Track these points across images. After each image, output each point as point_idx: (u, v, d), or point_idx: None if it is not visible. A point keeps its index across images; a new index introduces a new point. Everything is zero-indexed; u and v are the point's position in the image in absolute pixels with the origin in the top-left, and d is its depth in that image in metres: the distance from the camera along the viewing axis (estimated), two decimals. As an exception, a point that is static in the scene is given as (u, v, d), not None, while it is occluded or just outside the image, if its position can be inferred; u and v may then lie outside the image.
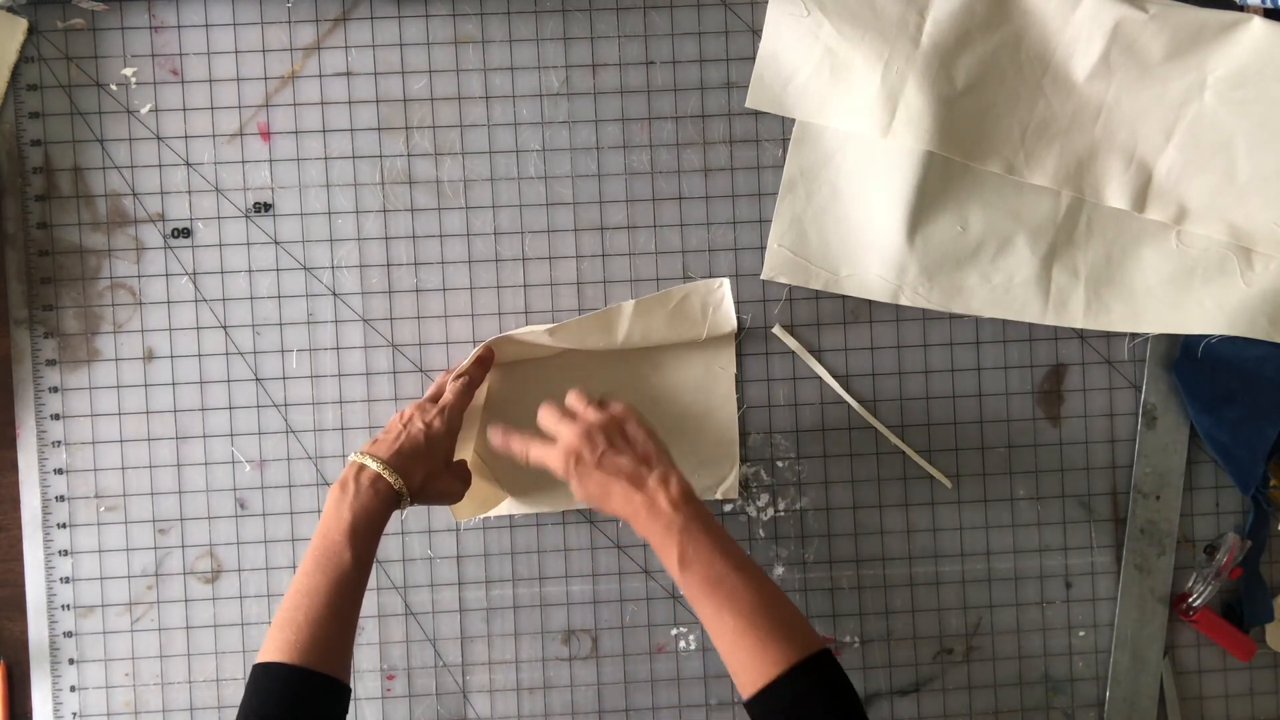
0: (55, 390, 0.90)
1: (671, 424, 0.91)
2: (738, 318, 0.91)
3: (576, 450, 0.75)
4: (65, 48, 0.89)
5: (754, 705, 0.67)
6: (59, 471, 0.90)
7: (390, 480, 0.75)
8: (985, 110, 0.88)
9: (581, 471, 0.74)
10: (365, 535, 0.73)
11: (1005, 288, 0.90)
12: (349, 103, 0.90)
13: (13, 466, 0.90)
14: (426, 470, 0.79)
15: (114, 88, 0.89)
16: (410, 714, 0.92)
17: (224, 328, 0.90)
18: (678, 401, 0.92)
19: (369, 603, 0.91)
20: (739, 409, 0.92)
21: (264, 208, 0.90)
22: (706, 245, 0.92)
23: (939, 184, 0.88)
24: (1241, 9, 0.87)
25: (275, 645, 0.69)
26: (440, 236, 0.91)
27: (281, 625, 0.70)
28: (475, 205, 0.91)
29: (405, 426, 0.79)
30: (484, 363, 0.86)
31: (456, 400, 0.82)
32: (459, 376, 0.84)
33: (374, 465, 0.76)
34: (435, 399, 0.83)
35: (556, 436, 0.77)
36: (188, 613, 0.91)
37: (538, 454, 0.78)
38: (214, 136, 0.90)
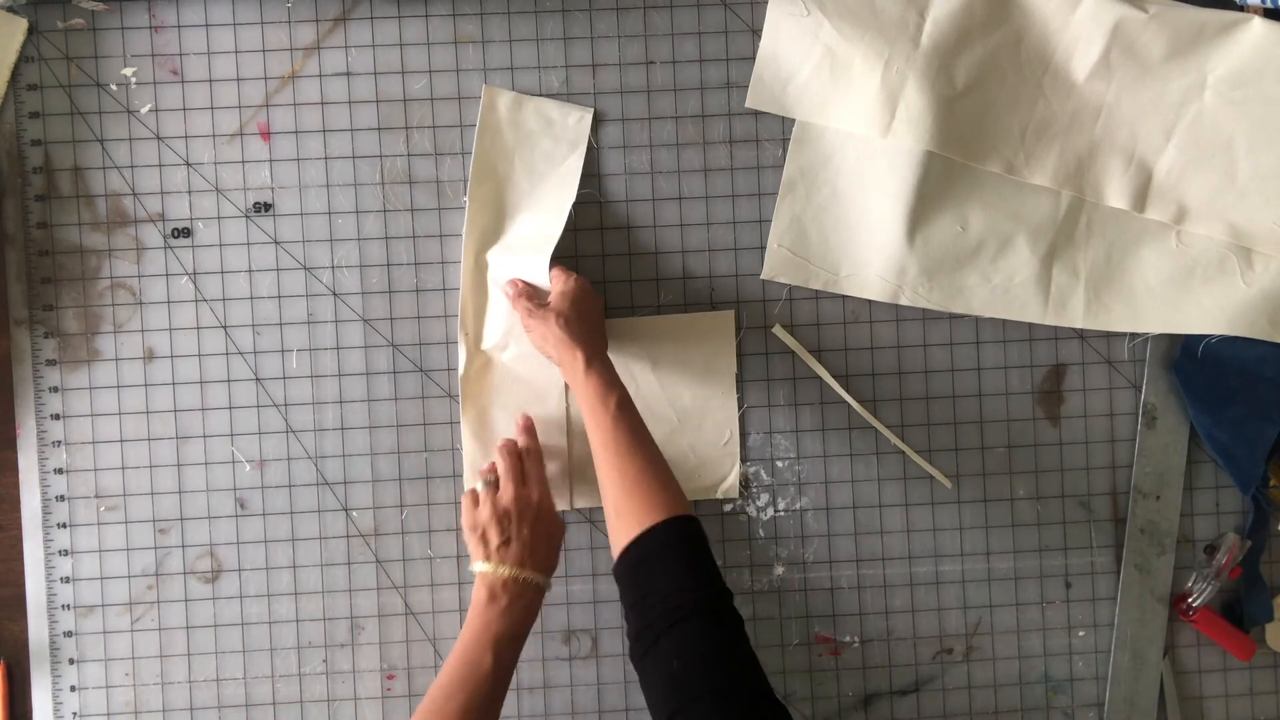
0: (55, 390, 0.90)
1: (671, 424, 0.92)
2: (738, 318, 0.91)
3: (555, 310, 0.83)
4: (65, 48, 0.89)
5: (621, 559, 0.74)
6: (59, 471, 0.90)
7: (538, 583, 0.81)
8: (985, 110, 0.88)
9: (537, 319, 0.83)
10: (509, 645, 0.78)
11: (1005, 288, 0.90)
12: (349, 103, 0.90)
13: (13, 466, 0.90)
14: (554, 546, 0.83)
15: (114, 88, 0.89)
16: (410, 714, 0.92)
17: (224, 328, 0.90)
18: (678, 401, 0.92)
19: (369, 602, 0.91)
20: (739, 409, 0.92)
21: (264, 208, 0.90)
22: (706, 245, 0.92)
23: (939, 184, 0.88)
24: (1241, 9, 0.87)
25: None
26: (440, 236, 0.91)
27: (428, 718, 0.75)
28: (475, 205, 0.91)
29: (517, 516, 0.82)
30: (529, 430, 0.89)
31: (535, 465, 0.86)
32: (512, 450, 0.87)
33: (518, 573, 0.80)
34: (492, 480, 0.85)
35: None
36: (188, 613, 0.91)
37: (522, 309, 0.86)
38: (214, 136, 0.90)
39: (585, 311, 0.85)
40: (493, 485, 0.85)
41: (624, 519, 0.74)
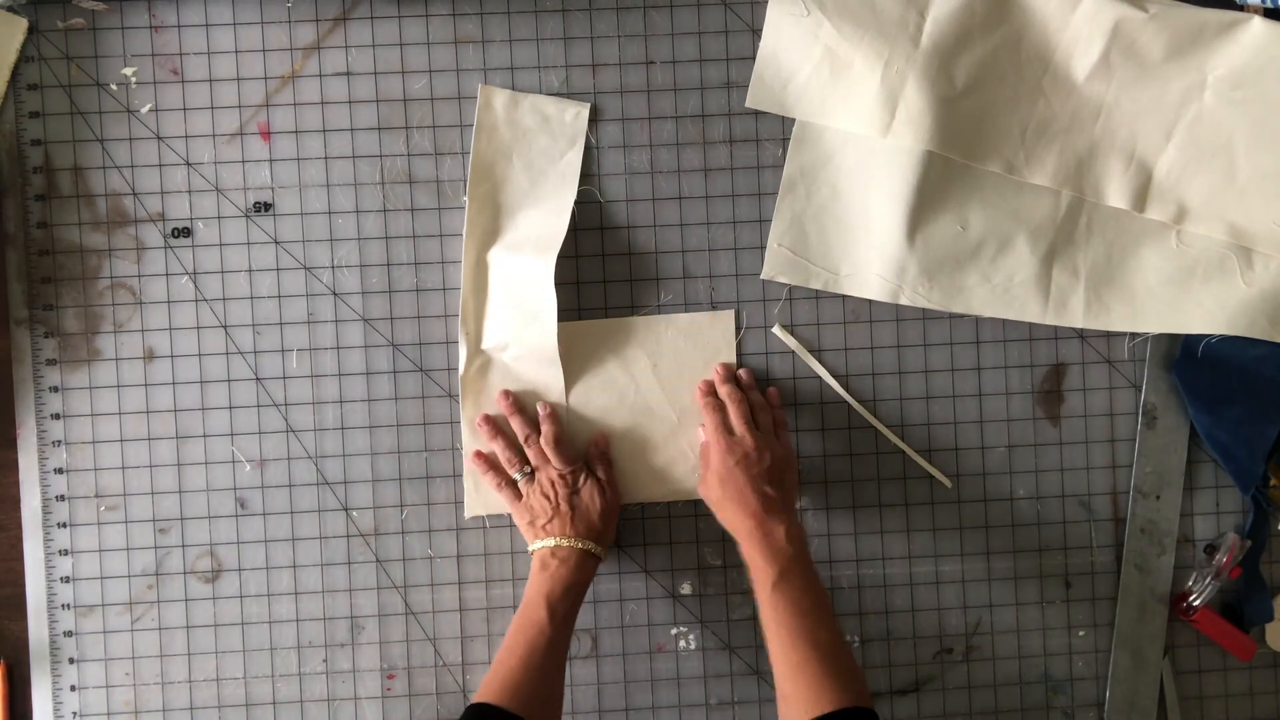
0: (55, 390, 0.90)
1: (672, 424, 0.92)
2: (737, 318, 0.91)
3: (740, 455, 0.84)
4: (65, 47, 0.89)
5: None
6: (59, 471, 0.90)
7: (585, 549, 0.84)
8: (985, 110, 0.88)
9: (729, 475, 0.84)
10: (561, 598, 0.81)
11: (1005, 288, 0.90)
12: (349, 102, 0.90)
13: (13, 466, 0.90)
14: (594, 513, 0.86)
15: (114, 87, 0.89)
16: (410, 714, 0.92)
17: (224, 327, 0.91)
18: (678, 401, 0.92)
19: (369, 602, 0.91)
20: (739, 409, 0.92)
21: (264, 207, 0.90)
22: (706, 245, 0.92)
23: (939, 184, 0.88)
24: (1241, 9, 0.87)
25: (484, 690, 0.77)
26: (440, 236, 0.91)
27: (490, 674, 0.79)
28: (475, 205, 0.91)
29: (557, 496, 0.86)
30: (553, 418, 0.90)
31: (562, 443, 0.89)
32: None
33: (560, 542, 0.84)
34: (531, 471, 0.89)
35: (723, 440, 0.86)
36: (188, 612, 0.91)
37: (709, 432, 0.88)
38: (214, 136, 0.90)
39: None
40: (529, 475, 0.88)
41: (790, 704, 0.75)
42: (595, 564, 0.86)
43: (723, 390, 0.89)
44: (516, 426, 0.89)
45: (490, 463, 0.90)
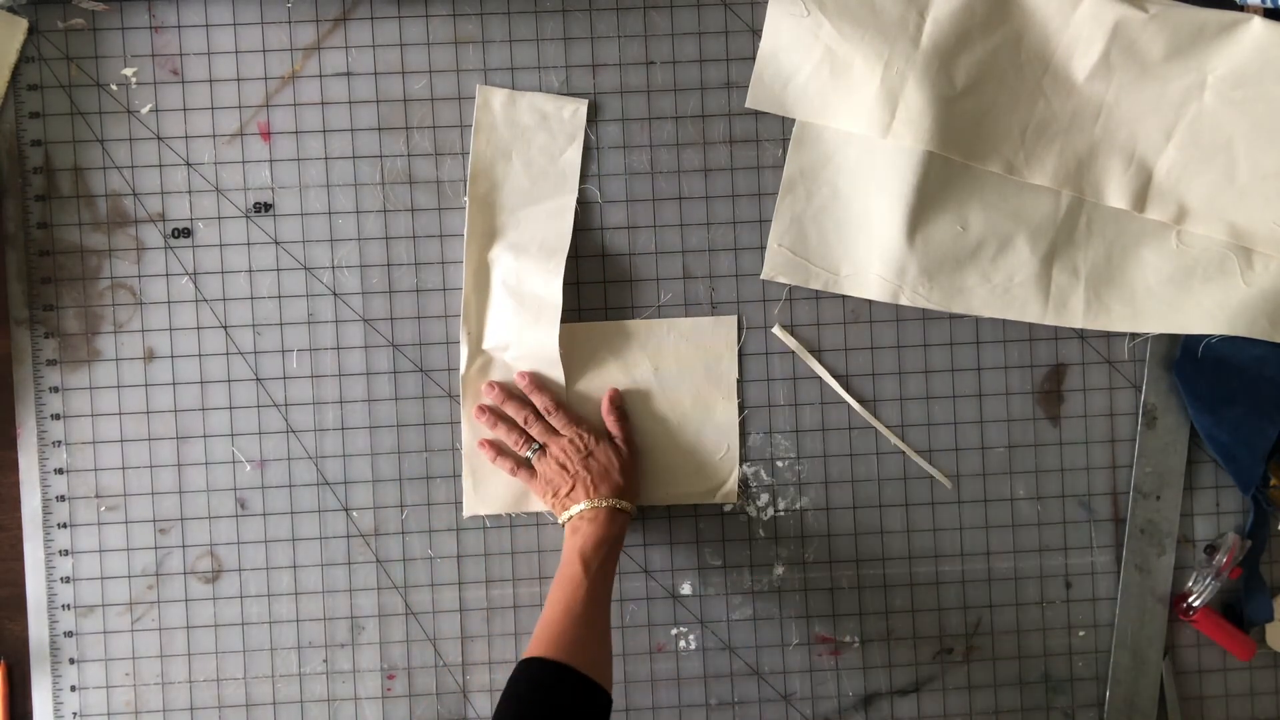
0: (55, 390, 0.90)
1: (672, 427, 0.92)
2: (738, 318, 0.91)
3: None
4: (65, 48, 0.89)
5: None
6: (59, 471, 0.90)
7: (611, 506, 0.85)
8: (985, 110, 0.88)
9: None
10: (594, 551, 0.82)
11: (1005, 288, 0.90)
12: (349, 103, 0.90)
13: (13, 466, 0.90)
14: (614, 470, 0.87)
15: (114, 88, 0.89)
16: (410, 714, 0.92)
17: (224, 328, 0.91)
18: (679, 404, 0.92)
19: (369, 602, 0.91)
20: (739, 414, 0.92)
21: (264, 208, 0.90)
22: (706, 245, 0.92)
23: (939, 184, 0.88)
24: (1241, 9, 0.87)
25: (533, 645, 0.78)
26: (440, 236, 0.91)
27: (535, 633, 0.79)
28: (475, 205, 0.91)
29: (571, 463, 0.86)
30: (540, 387, 0.91)
31: (561, 414, 0.89)
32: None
33: (584, 506, 0.85)
34: (540, 446, 0.89)
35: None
36: (188, 613, 0.91)
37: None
38: (214, 136, 0.90)
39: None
40: (540, 450, 0.88)
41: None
42: (626, 519, 0.86)
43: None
44: (513, 411, 0.89)
45: (498, 449, 0.90)
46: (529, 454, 0.89)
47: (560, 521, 0.87)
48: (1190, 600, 0.92)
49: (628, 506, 0.86)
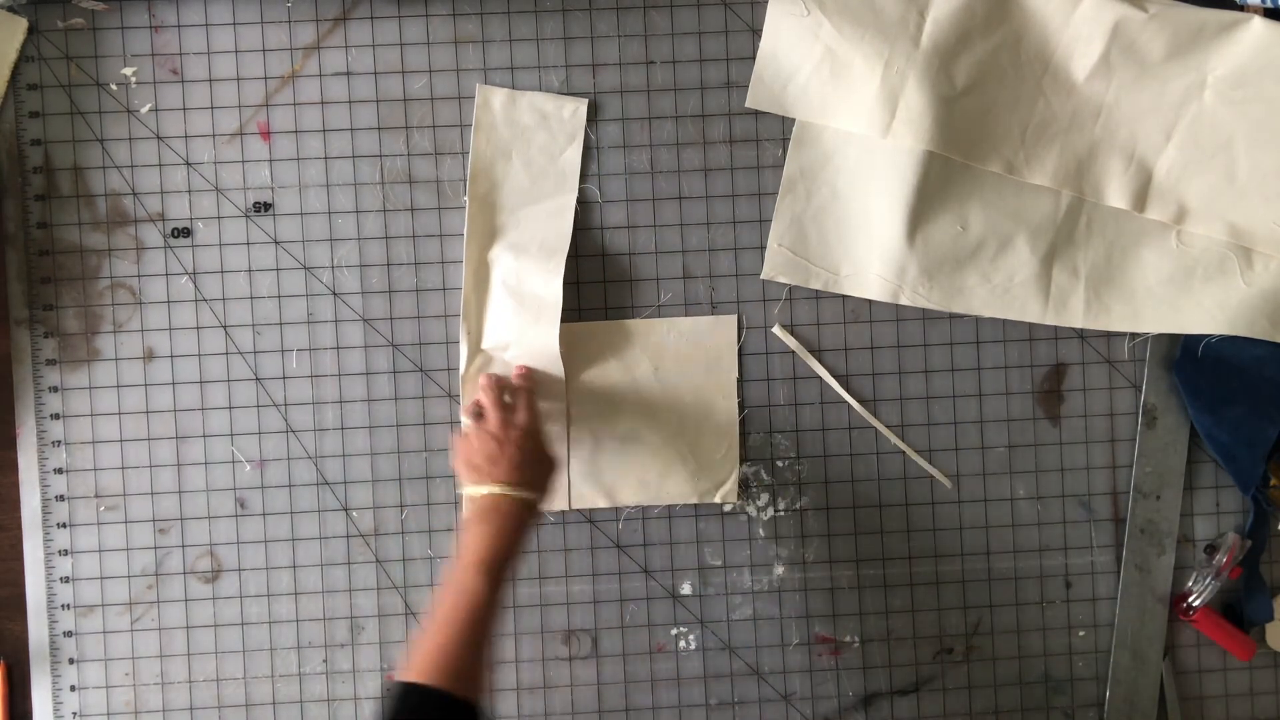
0: (55, 390, 0.90)
1: (672, 426, 0.92)
2: (738, 318, 0.91)
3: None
4: (65, 47, 0.89)
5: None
6: (59, 471, 0.90)
7: (527, 499, 0.78)
8: (985, 110, 0.88)
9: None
10: (501, 567, 0.75)
11: (1005, 288, 0.90)
12: (349, 102, 0.90)
13: (13, 466, 0.90)
14: (544, 467, 0.81)
15: (114, 87, 0.89)
16: (410, 714, 0.92)
17: (224, 327, 0.90)
18: (678, 404, 0.92)
19: (369, 602, 0.91)
20: (739, 413, 0.92)
21: (264, 207, 0.90)
22: (706, 245, 0.92)
23: (939, 184, 0.88)
24: (1241, 9, 0.87)
25: (411, 666, 0.71)
26: (440, 236, 0.91)
27: (415, 647, 0.72)
28: (475, 205, 0.91)
29: (504, 438, 0.80)
30: (525, 375, 0.88)
31: (528, 391, 0.85)
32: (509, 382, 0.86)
33: (504, 489, 0.77)
34: (478, 412, 0.84)
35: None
36: (188, 613, 0.91)
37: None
38: (214, 136, 0.90)
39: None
40: (478, 418, 0.84)
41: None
42: (534, 521, 0.80)
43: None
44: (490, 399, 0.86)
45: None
46: (465, 421, 0.83)
47: (466, 494, 0.81)
48: (1190, 600, 0.92)
49: (541, 508, 0.81)
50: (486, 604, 0.73)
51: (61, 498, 0.90)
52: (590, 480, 0.91)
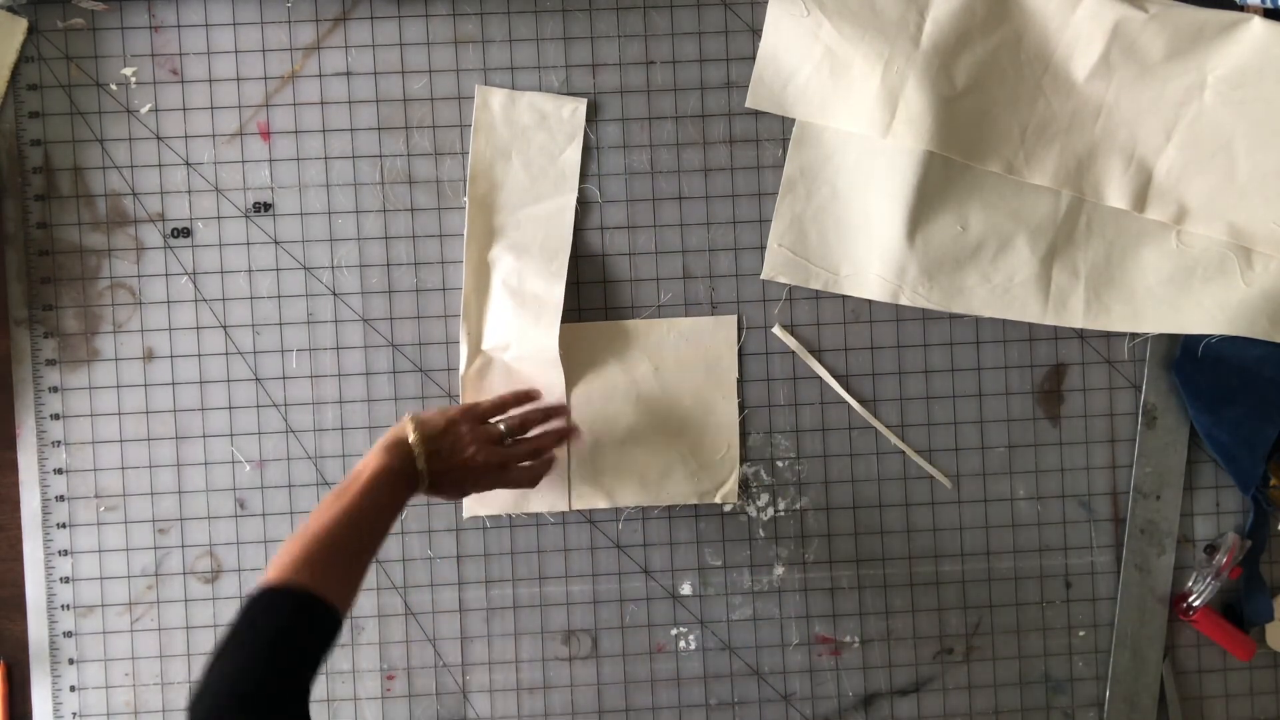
0: (55, 390, 0.90)
1: (672, 427, 0.92)
2: (738, 318, 0.91)
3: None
4: (65, 48, 0.89)
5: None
6: (59, 471, 0.90)
7: (424, 471, 0.76)
8: (985, 110, 0.88)
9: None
10: (383, 484, 0.74)
11: (1005, 288, 0.90)
12: (349, 102, 0.90)
13: (13, 466, 0.90)
14: (455, 485, 0.79)
15: (114, 88, 0.89)
16: (410, 714, 0.92)
17: (224, 327, 0.90)
18: (679, 404, 0.92)
19: (369, 602, 0.91)
20: (740, 413, 0.92)
21: (264, 207, 0.90)
22: (706, 245, 0.92)
23: (939, 184, 0.88)
24: (1241, 9, 0.87)
25: (274, 565, 0.68)
26: (440, 236, 0.91)
27: (285, 546, 0.69)
28: (475, 205, 0.91)
29: (469, 439, 0.78)
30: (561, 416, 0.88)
31: (521, 446, 0.83)
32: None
33: (414, 441, 0.76)
34: (481, 417, 0.82)
35: None
36: (188, 613, 0.91)
37: None
38: (214, 136, 0.90)
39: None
40: (483, 415, 0.82)
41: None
42: (415, 485, 0.77)
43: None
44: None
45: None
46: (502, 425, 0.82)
47: (398, 428, 0.77)
48: (1190, 600, 0.92)
49: (422, 485, 0.77)
50: (372, 519, 0.72)
51: (61, 498, 0.90)
52: (590, 480, 0.91)
